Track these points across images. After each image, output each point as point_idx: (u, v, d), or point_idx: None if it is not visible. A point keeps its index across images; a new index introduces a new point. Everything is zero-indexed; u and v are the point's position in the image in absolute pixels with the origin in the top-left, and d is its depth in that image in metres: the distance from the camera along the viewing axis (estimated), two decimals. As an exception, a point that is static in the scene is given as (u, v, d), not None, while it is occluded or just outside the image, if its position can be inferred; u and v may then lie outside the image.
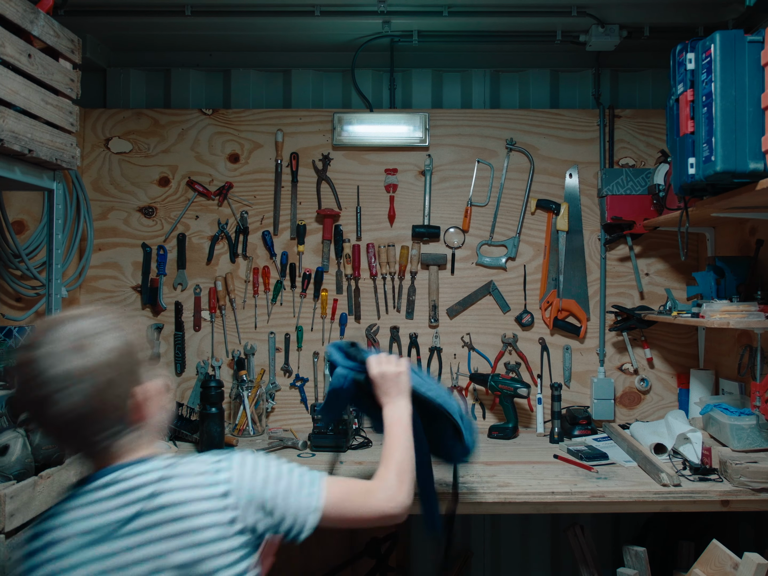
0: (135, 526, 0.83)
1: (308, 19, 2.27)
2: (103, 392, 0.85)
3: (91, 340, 0.86)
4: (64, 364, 0.83)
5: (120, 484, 0.86)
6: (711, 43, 1.58)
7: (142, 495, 0.84)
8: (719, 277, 2.06)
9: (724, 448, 1.83)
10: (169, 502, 0.85)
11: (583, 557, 2.09)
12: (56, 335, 0.85)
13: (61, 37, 1.64)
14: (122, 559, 0.83)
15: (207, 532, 0.84)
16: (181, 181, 2.53)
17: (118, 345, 0.89)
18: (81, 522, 0.85)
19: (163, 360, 2.52)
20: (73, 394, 0.83)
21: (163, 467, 0.88)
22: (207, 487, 0.86)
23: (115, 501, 0.85)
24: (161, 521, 0.84)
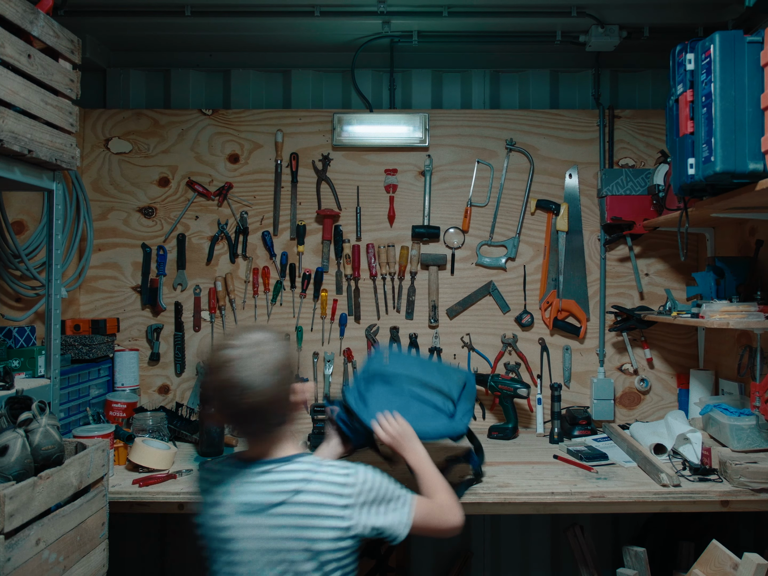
0: (279, 511, 1.10)
1: (308, 20, 2.27)
2: (279, 388, 1.12)
3: (268, 347, 1.13)
4: (253, 367, 1.10)
5: (275, 475, 1.13)
6: (710, 43, 1.58)
7: (289, 489, 1.11)
8: (719, 278, 2.06)
9: (724, 449, 1.83)
10: (306, 501, 1.10)
11: (583, 557, 2.09)
12: (242, 342, 1.12)
13: (60, 38, 1.64)
14: (266, 532, 1.10)
15: (329, 532, 1.10)
16: (180, 182, 2.53)
17: (284, 351, 1.15)
18: (241, 494, 1.13)
19: (163, 360, 2.52)
20: (259, 389, 1.09)
21: (305, 470, 1.13)
22: (335, 497, 1.11)
23: (269, 487, 1.12)
24: (298, 513, 1.10)
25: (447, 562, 2.57)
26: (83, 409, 2.20)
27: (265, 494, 1.12)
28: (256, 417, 1.13)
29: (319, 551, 1.10)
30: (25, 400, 1.42)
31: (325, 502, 1.11)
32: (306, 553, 1.10)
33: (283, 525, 1.11)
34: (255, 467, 1.15)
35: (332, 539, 1.11)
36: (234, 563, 1.14)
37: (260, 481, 1.13)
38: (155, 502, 1.73)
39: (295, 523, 1.10)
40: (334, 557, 1.12)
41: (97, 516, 1.45)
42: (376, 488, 1.15)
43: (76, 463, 1.39)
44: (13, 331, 1.90)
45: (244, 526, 1.13)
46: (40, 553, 1.24)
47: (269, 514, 1.11)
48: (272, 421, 1.15)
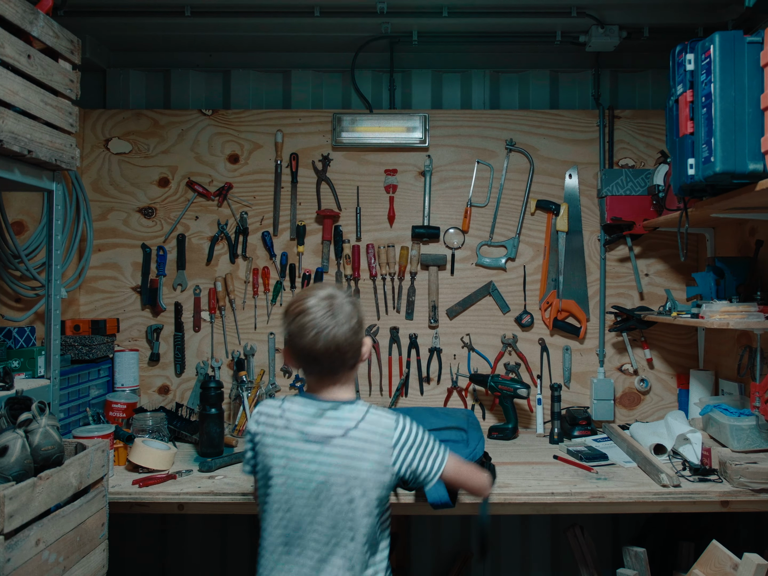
0: (338, 443, 1.26)
1: (308, 20, 2.27)
2: (350, 335, 1.28)
3: (341, 300, 1.30)
4: (328, 314, 1.27)
5: (339, 412, 1.29)
6: (710, 43, 1.58)
7: (349, 425, 1.28)
8: (719, 278, 2.06)
9: (724, 449, 1.83)
10: (362, 436, 1.27)
11: (583, 558, 2.09)
12: (319, 294, 1.30)
13: (60, 38, 1.64)
14: (323, 458, 1.26)
15: (375, 465, 1.26)
16: (180, 182, 2.53)
17: (356, 306, 1.33)
18: (304, 424, 1.29)
19: (162, 360, 2.52)
20: (332, 333, 1.26)
21: (364, 411, 1.30)
22: (385, 437, 1.28)
23: (331, 422, 1.28)
24: (354, 446, 1.26)
25: (447, 562, 2.57)
26: (83, 409, 2.20)
27: (326, 428, 1.28)
28: (327, 359, 1.28)
29: (365, 479, 1.26)
30: (25, 401, 1.42)
31: (377, 440, 1.27)
32: (354, 481, 1.25)
33: (338, 454, 1.26)
34: (322, 403, 1.31)
35: (376, 471, 1.26)
36: (288, 486, 1.28)
37: (325, 417, 1.29)
38: (155, 503, 1.72)
39: (351, 453, 1.26)
40: (376, 489, 1.26)
41: (96, 516, 1.45)
42: (418, 437, 1.32)
43: (76, 463, 1.39)
44: (13, 332, 1.90)
45: (302, 452, 1.28)
46: (40, 554, 1.24)
47: (329, 444, 1.27)
48: (339, 365, 1.30)
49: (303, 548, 1.27)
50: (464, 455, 1.77)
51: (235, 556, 2.58)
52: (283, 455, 1.28)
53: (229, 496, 1.72)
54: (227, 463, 1.96)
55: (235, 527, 2.57)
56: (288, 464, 1.28)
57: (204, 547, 2.57)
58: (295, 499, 1.27)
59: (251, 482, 1.79)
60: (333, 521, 1.25)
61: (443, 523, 2.58)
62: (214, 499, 1.72)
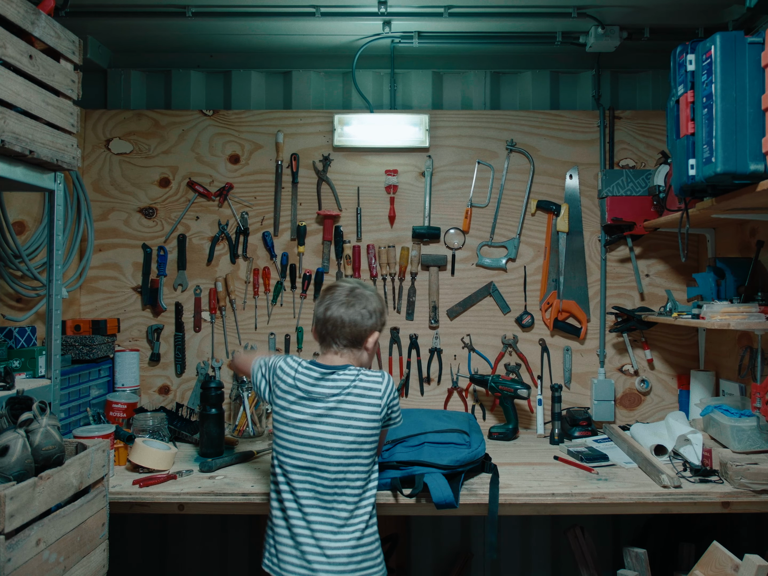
0: (338, 398, 1.50)
1: (309, 21, 2.27)
2: (360, 318, 1.56)
3: (364, 292, 1.60)
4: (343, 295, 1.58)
5: (336, 375, 1.53)
6: (711, 44, 1.58)
7: (345, 385, 1.51)
8: (719, 279, 2.06)
9: (725, 450, 1.83)
10: (357, 392, 1.51)
11: (584, 559, 2.08)
12: (348, 281, 1.64)
13: (62, 39, 1.65)
14: (324, 412, 1.50)
15: (369, 415, 1.50)
16: (181, 182, 2.53)
17: (377, 302, 1.61)
18: (308, 385, 1.53)
19: (163, 361, 2.52)
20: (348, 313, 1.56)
21: (356, 374, 1.53)
22: (374, 391, 1.52)
23: (330, 383, 1.52)
24: (351, 401, 1.50)
25: (447, 563, 2.57)
26: (84, 409, 2.20)
27: (327, 388, 1.51)
28: (331, 327, 1.56)
29: (360, 426, 1.49)
30: (26, 401, 1.42)
31: (369, 394, 1.51)
32: (346, 428, 1.48)
33: (339, 408, 1.49)
34: (324, 368, 1.54)
35: (371, 420, 1.50)
36: (289, 434, 1.52)
37: (327, 379, 1.52)
38: (155, 503, 1.73)
39: (349, 407, 1.49)
40: (369, 431, 1.50)
41: (97, 516, 1.45)
42: (396, 395, 1.57)
43: (77, 463, 1.39)
44: (14, 332, 1.90)
45: (306, 406, 1.51)
46: (40, 554, 1.24)
47: (329, 401, 1.50)
48: (339, 337, 1.56)
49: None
50: (467, 456, 1.78)
51: (235, 556, 2.57)
52: (287, 407, 1.52)
53: (230, 496, 1.72)
54: (228, 464, 1.96)
55: (236, 527, 2.57)
56: (293, 416, 1.51)
57: (204, 547, 2.57)
58: (303, 447, 1.49)
59: (251, 482, 1.79)
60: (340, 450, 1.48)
61: (443, 523, 2.57)
62: (215, 500, 1.72)
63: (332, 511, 1.47)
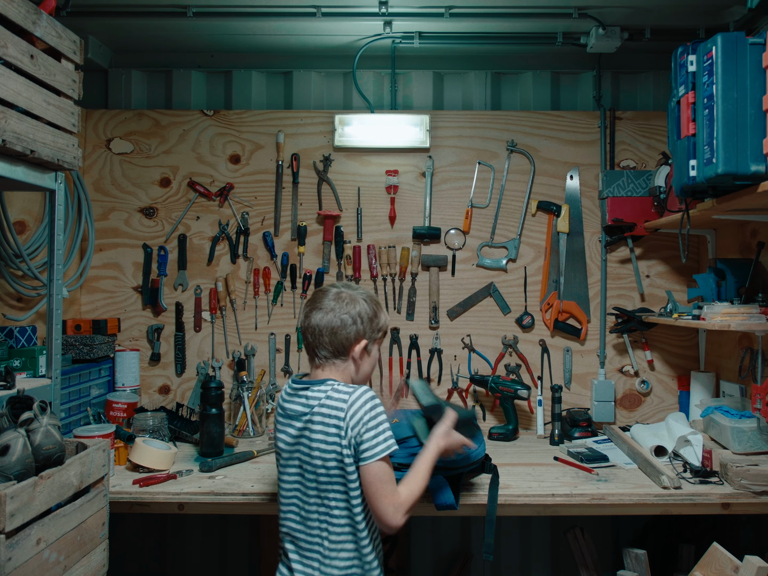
0: (306, 419, 1.37)
1: (310, 21, 2.27)
2: (341, 326, 1.40)
3: (350, 294, 1.43)
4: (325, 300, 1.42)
5: (308, 392, 1.39)
6: (712, 45, 1.58)
7: (313, 404, 1.37)
8: (720, 279, 2.06)
9: (725, 451, 1.83)
10: (323, 412, 1.35)
11: (583, 559, 2.08)
12: (337, 285, 1.47)
13: (63, 38, 1.65)
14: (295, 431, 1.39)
15: (328, 445, 1.34)
16: (182, 182, 2.53)
17: (365, 306, 1.43)
18: (284, 401, 1.43)
19: (163, 360, 2.52)
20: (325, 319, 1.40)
21: (328, 389, 1.37)
22: (338, 411, 1.34)
23: (303, 400, 1.39)
24: (316, 422, 1.35)
25: (447, 563, 2.57)
26: (84, 409, 2.20)
27: (298, 405, 1.40)
28: (309, 336, 1.42)
29: (319, 454, 1.35)
30: (26, 400, 1.42)
31: (333, 413, 1.34)
32: (314, 452, 1.35)
33: (306, 428, 1.37)
34: (299, 383, 1.43)
35: (330, 449, 1.33)
36: (282, 459, 1.43)
37: (300, 395, 1.41)
38: (155, 503, 1.73)
39: (317, 428, 1.35)
40: (330, 462, 1.34)
41: (97, 516, 1.45)
42: (369, 413, 1.34)
43: (77, 463, 1.39)
44: (15, 331, 1.90)
45: (284, 425, 1.42)
46: (40, 553, 1.24)
47: (300, 420, 1.38)
48: (316, 347, 1.42)
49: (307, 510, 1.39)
50: (467, 457, 1.76)
51: (235, 556, 2.57)
52: (276, 429, 1.45)
53: (230, 496, 1.72)
54: (228, 463, 1.96)
55: (236, 527, 2.57)
56: (278, 436, 1.44)
57: (204, 547, 2.57)
58: (287, 475, 1.42)
59: (251, 482, 1.80)
60: (315, 489, 1.36)
61: (443, 524, 2.57)
62: (215, 499, 1.72)
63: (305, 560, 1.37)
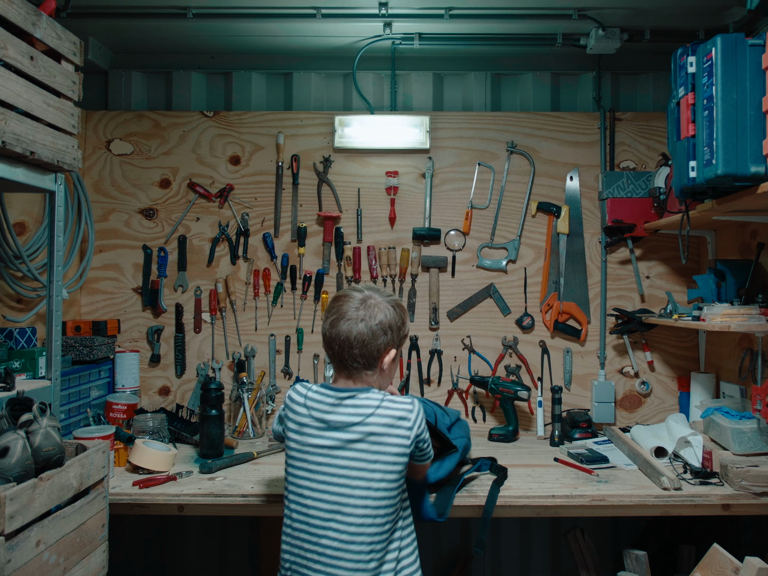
0: (356, 429, 1.32)
1: (310, 23, 2.28)
2: (372, 336, 1.35)
3: (378, 301, 1.39)
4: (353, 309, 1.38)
5: (356, 400, 1.35)
6: (712, 46, 1.58)
7: (368, 412, 1.33)
8: (720, 280, 2.06)
9: (725, 452, 1.83)
10: (382, 421, 1.32)
11: (584, 561, 2.08)
12: (360, 289, 1.42)
13: (63, 40, 1.65)
14: (340, 444, 1.32)
15: (397, 448, 1.32)
16: (182, 183, 2.53)
17: (394, 313, 1.39)
18: (323, 412, 1.35)
19: (163, 362, 2.52)
20: (355, 330, 1.36)
21: (379, 399, 1.34)
22: (404, 420, 1.33)
23: (350, 409, 1.34)
24: (371, 431, 1.31)
25: (447, 564, 2.57)
26: (84, 410, 2.20)
27: (345, 415, 1.33)
28: (338, 348, 1.37)
29: (383, 461, 1.31)
30: (26, 402, 1.42)
31: (394, 423, 1.32)
32: (372, 464, 1.30)
33: (358, 440, 1.32)
34: (341, 391, 1.36)
35: (395, 453, 1.32)
36: (311, 471, 1.34)
37: (345, 405, 1.34)
38: (155, 504, 1.72)
39: (368, 438, 1.31)
40: (392, 468, 1.31)
41: (97, 518, 1.45)
42: (424, 422, 1.38)
43: (77, 464, 1.39)
44: (14, 333, 1.90)
45: (322, 438, 1.34)
46: (40, 555, 1.24)
47: (348, 431, 1.32)
48: (348, 359, 1.37)
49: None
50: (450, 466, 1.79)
51: (234, 557, 2.57)
52: (306, 442, 1.35)
53: (230, 497, 1.72)
54: (228, 465, 1.96)
55: (235, 529, 2.57)
56: (307, 450, 1.34)
57: (204, 549, 2.57)
58: (316, 484, 1.33)
59: (251, 484, 1.79)
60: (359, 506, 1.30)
61: (443, 525, 2.57)
62: (215, 501, 1.72)
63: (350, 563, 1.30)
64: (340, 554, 1.29)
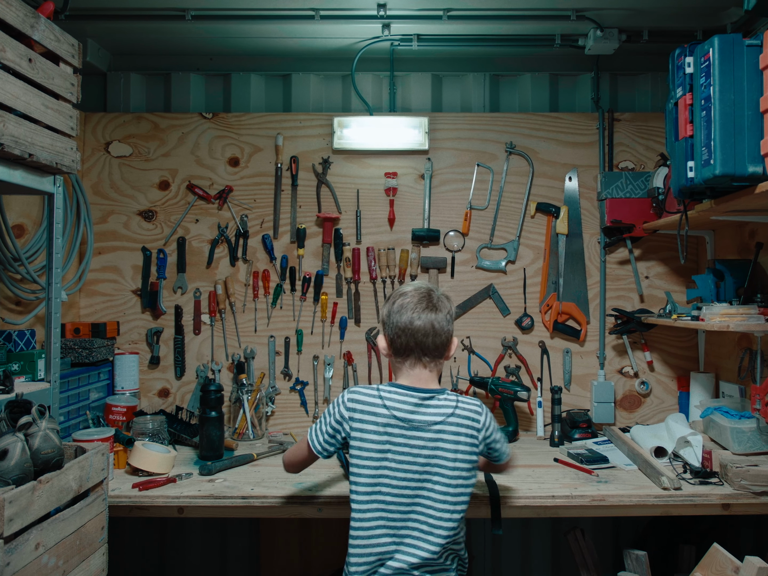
0: (437, 428, 1.39)
1: (309, 24, 2.28)
2: (447, 323, 1.44)
3: (439, 294, 1.49)
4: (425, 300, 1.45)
5: (436, 401, 1.42)
6: (710, 46, 1.59)
7: (448, 412, 1.41)
8: (719, 280, 2.06)
9: (725, 452, 1.83)
10: (457, 421, 1.41)
11: (584, 561, 2.08)
12: (416, 285, 1.50)
13: (61, 42, 1.65)
14: (422, 443, 1.38)
15: (470, 447, 1.41)
16: (181, 185, 2.53)
17: (450, 302, 1.49)
18: (407, 413, 1.40)
19: (163, 363, 2.52)
20: (436, 315, 1.43)
21: (456, 400, 1.43)
22: (474, 422, 1.42)
23: (433, 410, 1.41)
24: (450, 431, 1.40)
25: (447, 565, 2.56)
26: (83, 412, 2.19)
27: (427, 415, 1.40)
28: (422, 336, 1.41)
29: (460, 459, 1.39)
30: (25, 404, 1.42)
31: (468, 424, 1.41)
32: (452, 462, 1.38)
33: (438, 438, 1.39)
34: (418, 392, 1.42)
35: (469, 452, 1.40)
36: (392, 470, 1.39)
37: (425, 405, 1.41)
38: (155, 506, 1.72)
39: (449, 438, 1.39)
40: (467, 465, 1.40)
41: (96, 520, 1.45)
42: (494, 422, 1.49)
43: (76, 467, 1.39)
44: (13, 335, 1.90)
45: (407, 437, 1.39)
46: (39, 558, 1.24)
47: (428, 429, 1.39)
48: (431, 348, 1.42)
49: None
50: None
51: (234, 559, 2.57)
52: (387, 441, 1.39)
53: (229, 499, 1.72)
54: (227, 467, 1.96)
55: (235, 530, 2.57)
56: (388, 449, 1.38)
57: (204, 551, 2.57)
58: (397, 481, 1.38)
59: (251, 485, 1.79)
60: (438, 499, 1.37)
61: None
62: (214, 503, 1.71)
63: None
64: (417, 551, 1.37)
